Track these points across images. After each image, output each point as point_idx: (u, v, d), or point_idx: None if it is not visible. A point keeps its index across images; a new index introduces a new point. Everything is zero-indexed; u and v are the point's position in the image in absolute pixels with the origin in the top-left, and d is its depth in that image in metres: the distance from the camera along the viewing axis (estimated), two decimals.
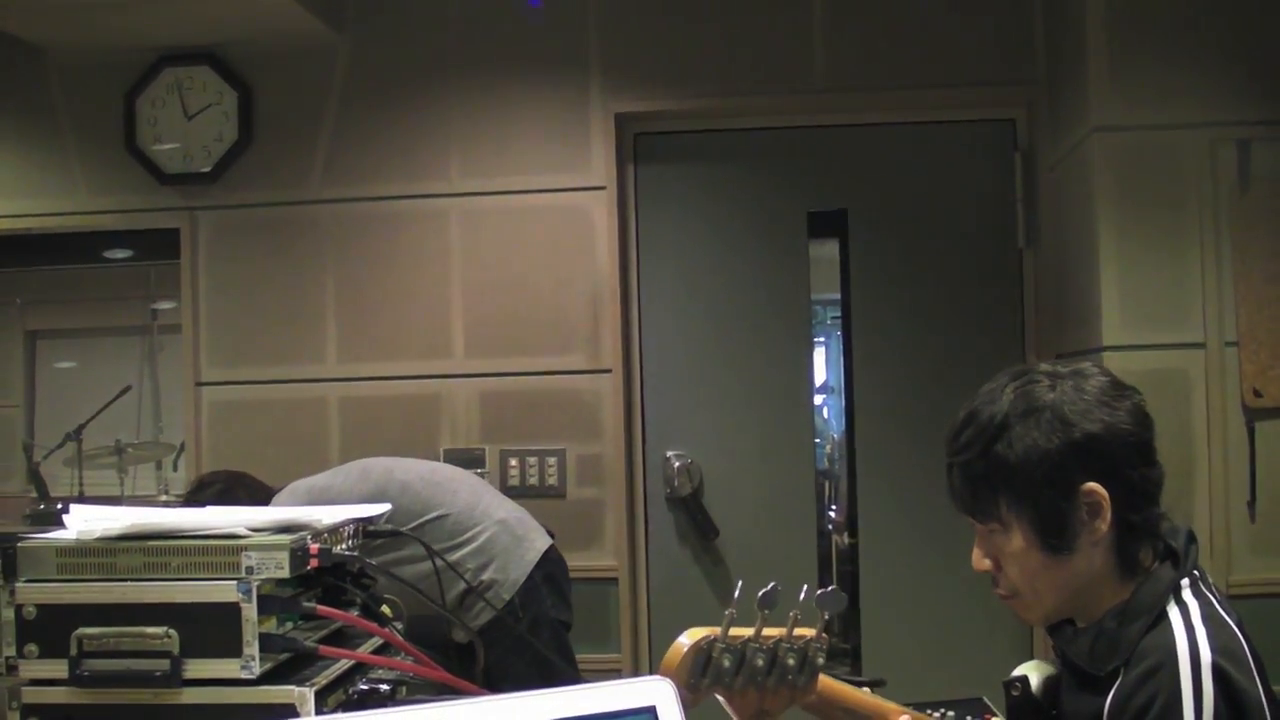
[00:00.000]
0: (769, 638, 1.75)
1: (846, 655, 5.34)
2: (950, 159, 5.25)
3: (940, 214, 5.23)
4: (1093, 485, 1.96)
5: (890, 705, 2.03)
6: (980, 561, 2.09)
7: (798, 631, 1.76)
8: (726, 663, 1.72)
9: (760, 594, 1.68)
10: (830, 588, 1.75)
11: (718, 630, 1.72)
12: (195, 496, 4.04)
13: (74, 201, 5.41)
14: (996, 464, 2.00)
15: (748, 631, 1.74)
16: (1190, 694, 1.83)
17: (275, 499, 3.98)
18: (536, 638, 3.93)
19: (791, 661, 1.76)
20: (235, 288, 5.32)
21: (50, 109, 5.43)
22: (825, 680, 1.87)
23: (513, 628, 3.89)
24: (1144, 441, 2.02)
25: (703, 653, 1.71)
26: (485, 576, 3.95)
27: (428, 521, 3.91)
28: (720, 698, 1.80)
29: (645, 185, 5.31)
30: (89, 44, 5.28)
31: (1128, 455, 1.99)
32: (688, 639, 1.72)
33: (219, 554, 2.03)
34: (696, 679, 1.71)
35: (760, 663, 1.74)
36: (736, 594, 1.68)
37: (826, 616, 1.77)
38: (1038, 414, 1.99)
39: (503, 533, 4.05)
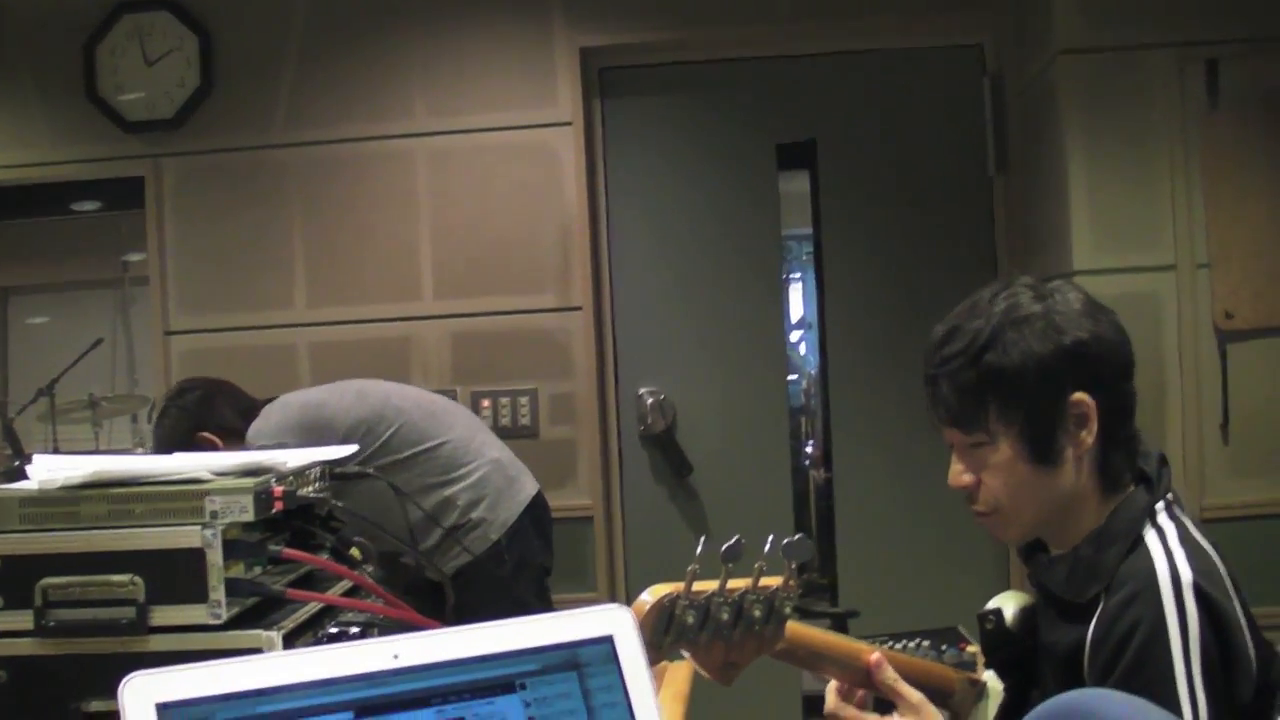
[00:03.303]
0: (734, 590, 1.73)
1: (824, 589, 5.36)
2: (919, 86, 5.22)
3: (910, 142, 5.21)
4: (1081, 395, 1.96)
5: (861, 644, 2.01)
6: (959, 477, 2.07)
7: (764, 582, 1.75)
8: (690, 619, 1.70)
9: (724, 548, 1.66)
10: (797, 536, 1.73)
11: (681, 586, 1.70)
12: (175, 402, 3.96)
13: (37, 153, 5.36)
14: (988, 371, 1.98)
15: (712, 585, 1.72)
16: (1175, 616, 1.84)
17: (265, 411, 3.92)
18: (518, 580, 3.92)
19: (758, 613, 1.75)
20: (202, 235, 5.28)
21: (9, 60, 5.37)
22: (794, 627, 1.86)
23: (495, 569, 3.88)
24: (1127, 355, 2.03)
25: (665, 610, 1.69)
26: (475, 515, 3.91)
27: (424, 450, 3.88)
28: (685, 652, 1.78)
29: (612, 120, 5.27)
30: None
31: (1114, 366, 2.00)
32: (650, 596, 1.70)
33: (182, 499, 2.02)
34: (660, 636, 1.69)
35: (725, 616, 1.73)
36: (699, 549, 1.66)
37: (794, 565, 1.75)
38: (1029, 321, 1.98)
39: (496, 472, 4.03)
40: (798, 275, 7.33)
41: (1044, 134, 4.69)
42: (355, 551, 2.34)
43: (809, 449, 6.72)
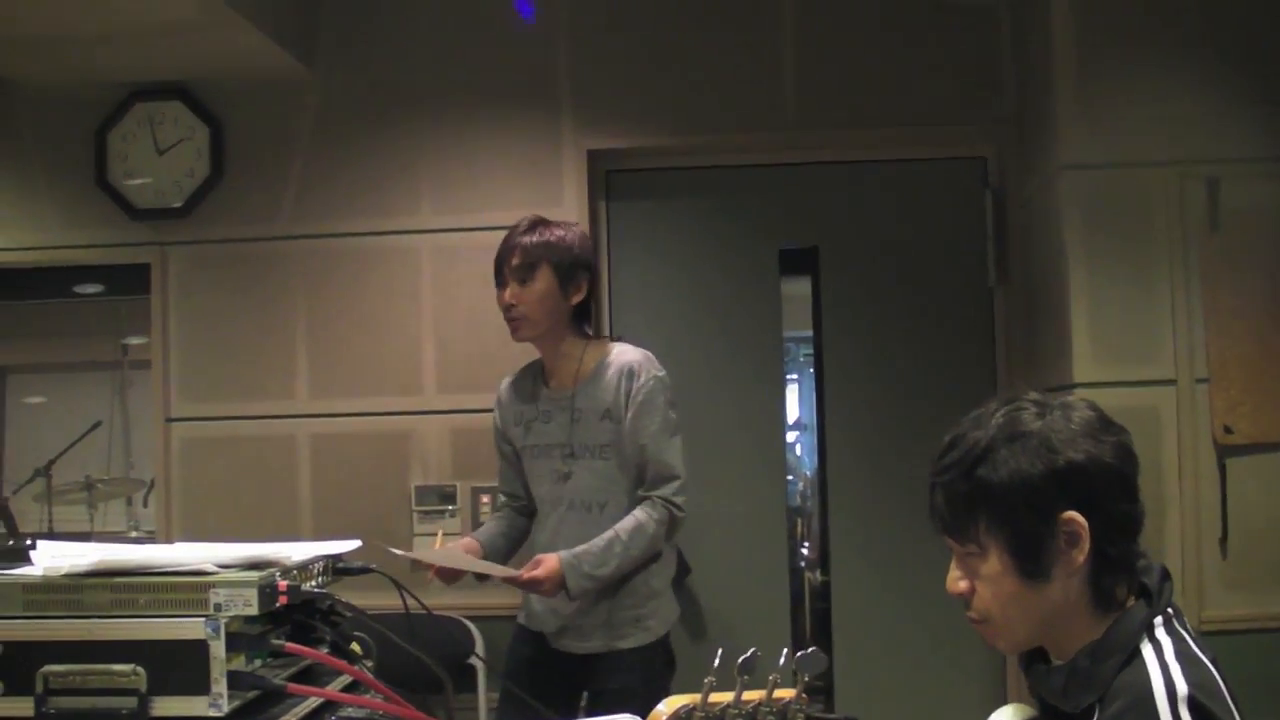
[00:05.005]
0: (748, 702, 1.74)
1: (820, 693, 5.32)
2: (921, 197, 5.27)
3: (912, 252, 5.25)
4: (1072, 514, 1.96)
5: None
6: (956, 583, 2.08)
7: (777, 694, 1.75)
8: None
9: (740, 660, 1.67)
10: (810, 649, 1.74)
11: (697, 698, 1.70)
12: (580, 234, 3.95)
13: (45, 236, 5.39)
14: (979, 486, 2.00)
15: (727, 697, 1.73)
16: None
17: (645, 354, 3.88)
18: (665, 680, 3.83)
19: None
20: (206, 323, 5.30)
21: (20, 143, 5.41)
22: None
23: (657, 660, 3.82)
24: (1126, 476, 2.02)
25: None
26: (660, 585, 3.87)
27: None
28: None
29: (617, 222, 5.31)
30: (60, 78, 5.27)
31: (1109, 488, 1.99)
32: (665, 708, 1.71)
33: (187, 591, 2.02)
34: None
35: None
36: (716, 662, 1.67)
37: (806, 678, 1.76)
38: (1024, 439, 1.99)
39: (674, 561, 4.02)
40: (794, 376, 7.33)
41: (1045, 247, 4.72)
42: (355, 646, 2.35)
43: (804, 550, 6.69)
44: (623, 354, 3.84)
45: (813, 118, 5.14)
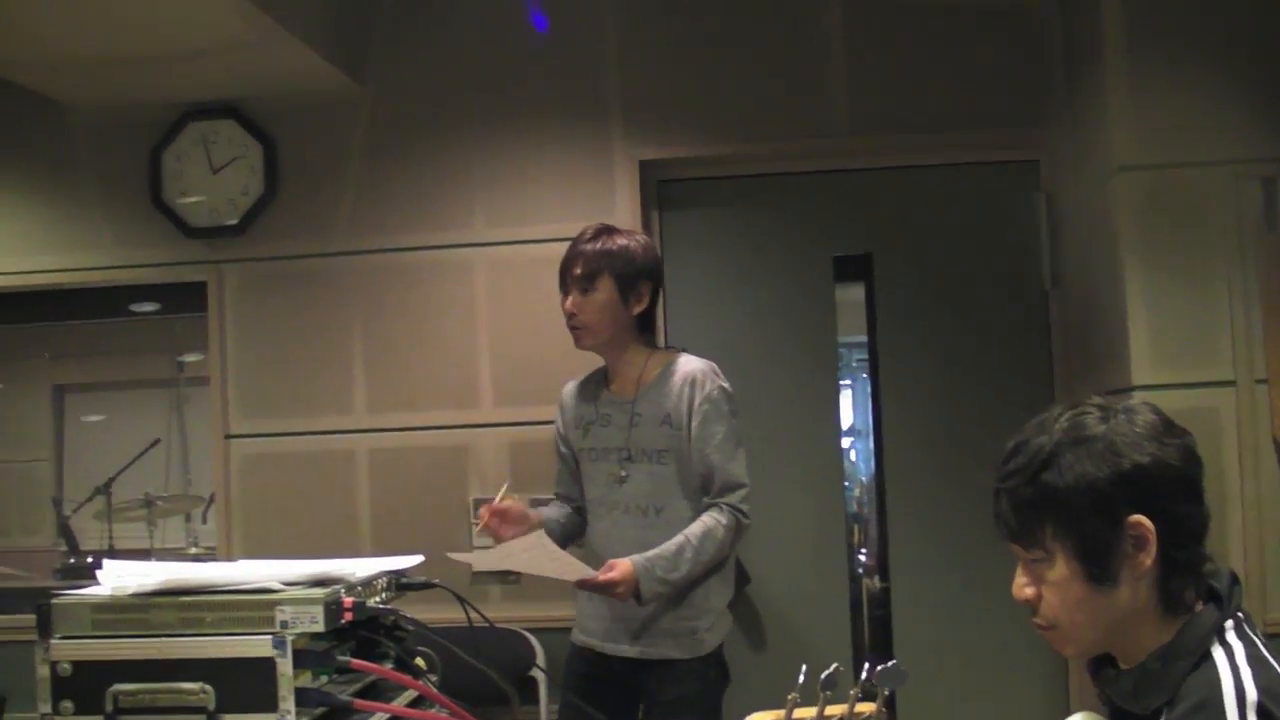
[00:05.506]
0: (830, 717, 1.75)
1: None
2: (974, 201, 5.25)
3: (965, 256, 5.23)
4: (1139, 518, 1.95)
5: None
6: (1022, 590, 2.08)
7: (859, 708, 1.76)
8: None
9: (822, 676, 1.67)
10: (891, 663, 1.74)
11: (780, 714, 1.71)
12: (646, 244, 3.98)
13: (100, 256, 5.44)
14: (1044, 491, 1.99)
15: (810, 712, 1.73)
16: None
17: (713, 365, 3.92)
18: (718, 690, 3.85)
19: None
20: (263, 340, 5.33)
21: (76, 164, 5.46)
22: None
23: (709, 671, 3.81)
24: (1191, 479, 2.01)
25: None
26: (714, 612, 3.86)
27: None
28: None
29: (670, 232, 5.32)
30: (114, 99, 5.31)
31: (1175, 491, 1.98)
32: None
33: (253, 609, 2.04)
34: None
35: None
36: (801, 678, 1.68)
37: (888, 692, 1.76)
38: (1089, 443, 1.98)
39: (733, 582, 4.00)
40: (847, 383, 7.31)
41: (1100, 250, 4.69)
42: (420, 661, 2.36)
43: (862, 556, 6.67)
44: (687, 363, 3.86)
45: (863, 124, 5.13)
